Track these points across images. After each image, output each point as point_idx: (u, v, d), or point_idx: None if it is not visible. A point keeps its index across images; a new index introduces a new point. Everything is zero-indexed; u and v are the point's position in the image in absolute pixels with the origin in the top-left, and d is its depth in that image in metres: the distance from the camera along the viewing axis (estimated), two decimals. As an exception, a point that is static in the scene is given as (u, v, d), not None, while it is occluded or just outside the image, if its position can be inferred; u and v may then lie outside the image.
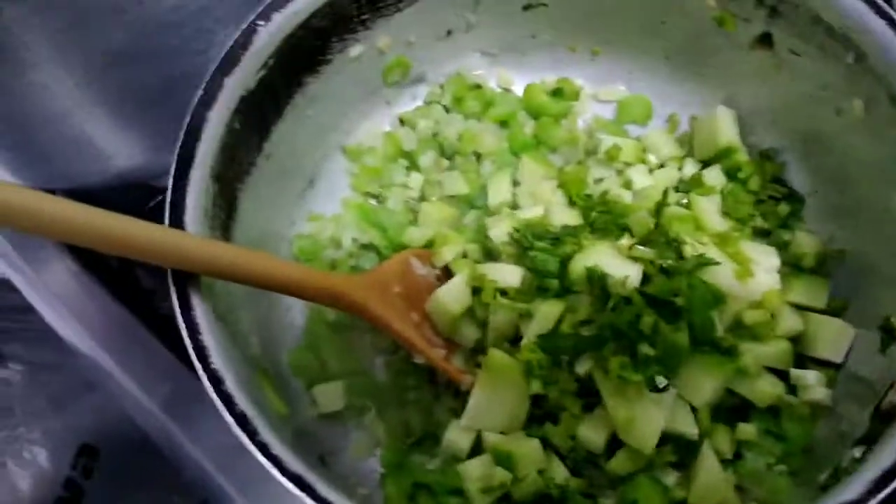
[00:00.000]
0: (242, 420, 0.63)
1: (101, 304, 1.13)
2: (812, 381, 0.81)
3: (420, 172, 1.03)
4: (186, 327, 0.67)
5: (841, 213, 0.90)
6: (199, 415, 1.01)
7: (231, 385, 0.65)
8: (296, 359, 0.92)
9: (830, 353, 0.83)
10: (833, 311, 0.86)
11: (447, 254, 0.92)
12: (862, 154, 0.84)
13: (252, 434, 0.62)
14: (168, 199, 0.73)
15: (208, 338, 0.67)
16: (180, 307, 0.68)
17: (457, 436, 0.84)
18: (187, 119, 0.78)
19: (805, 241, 0.90)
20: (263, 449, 0.62)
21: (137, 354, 1.07)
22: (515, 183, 1.01)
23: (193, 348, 0.66)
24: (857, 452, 0.64)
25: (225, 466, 0.97)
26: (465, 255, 0.93)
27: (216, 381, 0.64)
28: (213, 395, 0.63)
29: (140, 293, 1.16)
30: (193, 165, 0.75)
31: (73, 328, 1.12)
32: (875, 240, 0.84)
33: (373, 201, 1.04)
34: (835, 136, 0.88)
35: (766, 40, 0.90)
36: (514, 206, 0.98)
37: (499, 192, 0.99)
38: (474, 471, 0.80)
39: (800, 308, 0.86)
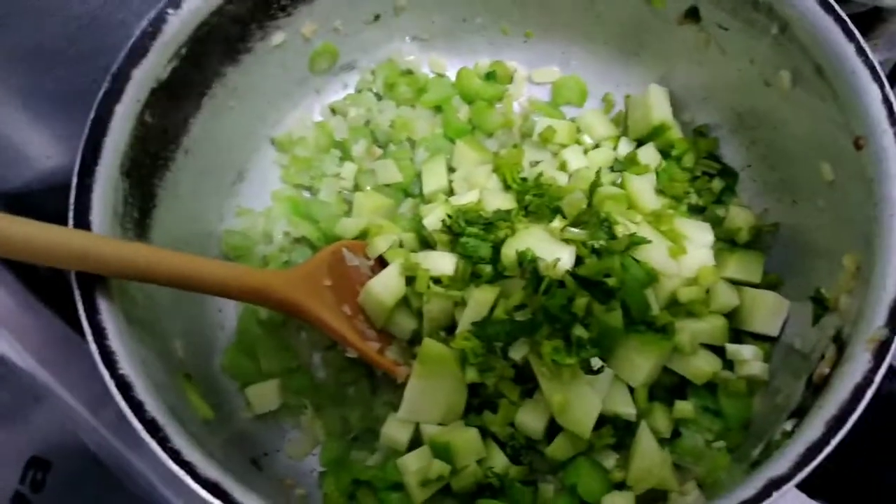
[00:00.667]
0: (152, 427, 0.60)
1: (36, 316, 1.08)
2: (748, 356, 0.80)
3: (353, 162, 1.00)
4: (92, 331, 0.63)
5: (774, 187, 0.90)
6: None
7: (141, 391, 0.62)
8: (229, 360, 0.89)
9: (766, 328, 0.82)
10: (768, 285, 0.86)
11: (381, 244, 0.89)
12: (792, 127, 0.84)
13: (163, 441, 0.60)
14: (72, 198, 0.69)
15: (116, 343, 0.64)
16: (85, 311, 0.64)
17: (394, 430, 0.82)
18: (92, 114, 0.74)
19: (739, 216, 0.90)
20: (174, 455, 0.59)
21: (78, 371, 1.03)
22: (451, 169, 0.99)
23: (99, 353, 0.62)
24: (789, 426, 0.64)
25: (173, 480, 0.94)
26: (401, 245, 0.91)
27: (124, 388, 0.61)
28: (121, 402, 0.60)
29: (75, 303, 1.12)
30: (99, 162, 0.72)
31: (8, 342, 1.07)
32: (807, 212, 0.83)
33: (305, 193, 1.01)
34: (765, 110, 0.88)
35: (693, 14, 0.89)
36: (450, 193, 0.96)
37: (433, 179, 0.97)
38: (412, 464, 0.79)
39: (735, 283, 0.85)
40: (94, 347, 0.62)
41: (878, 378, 0.58)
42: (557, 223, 0.83)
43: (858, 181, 0.70)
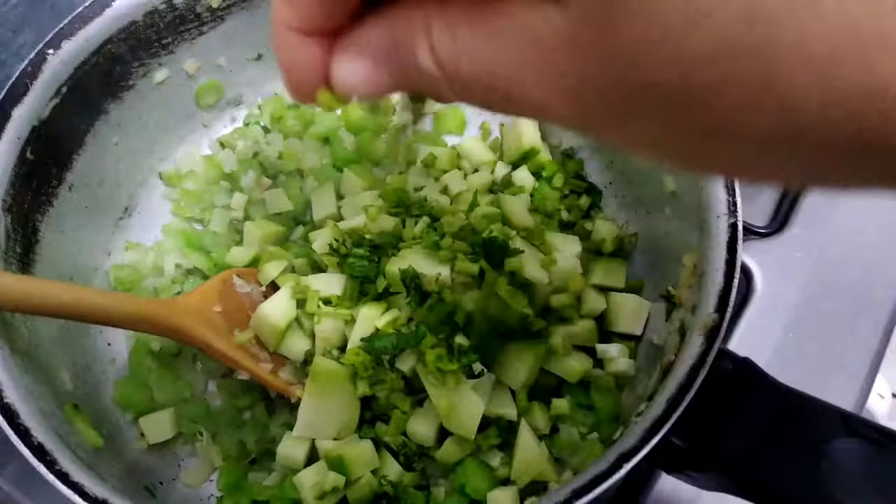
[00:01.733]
0: (40, 451, 0.61)
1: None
2: (616, 354, 0.88)
3: (242, 192, 1.03)
4: (-26, 363, 0.64)
5: (632, 201, 0.99)
6: (50, 485, 0.95)
7: (27, 418, 0.62)
8: (120, 393, 0.89)
9: (630, 327, 0.90)
10: (632, 289, 0.94)
11: (272, 270, 0.92)
12: (642, 146, 0.93)
13: (51, 464, 0.60)
14: (-50, 234, 0.69)
15: (2, 373, 0.64)
16: (-34, 342, 0.65)
17: (290, 448, 0.84)
18: (-29, 151, 0.75)
19: (604, 229, 0.98)
20: (63, 478, 0.60)
21: None
22: (340, 196, 1.03)
23: (-17, 384, 0.63)
24: (642, 407, 0.71)
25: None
26: (293, 270, 0.95)
27: (10, 415, 0.62)
28: (7, 429, 0.61)
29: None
30: (-21, 198, 0.72)
31: None
32: (658, 221, 0.92)
33: (196, 225, 1.03)
34: (620, 131, 0.97)
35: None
36: (340, 219, 1.00)
37: (322, 206, 1.01)
38: (309, 479, 0.81)
39: (602, 289, 0.93)
40: (-25, 378, 0.63)
41: (710, 358, 0.66)
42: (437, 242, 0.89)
43: (693, 190, 0.79)
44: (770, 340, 0.98)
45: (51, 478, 0.60)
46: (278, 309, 0.87)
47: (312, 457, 0.85)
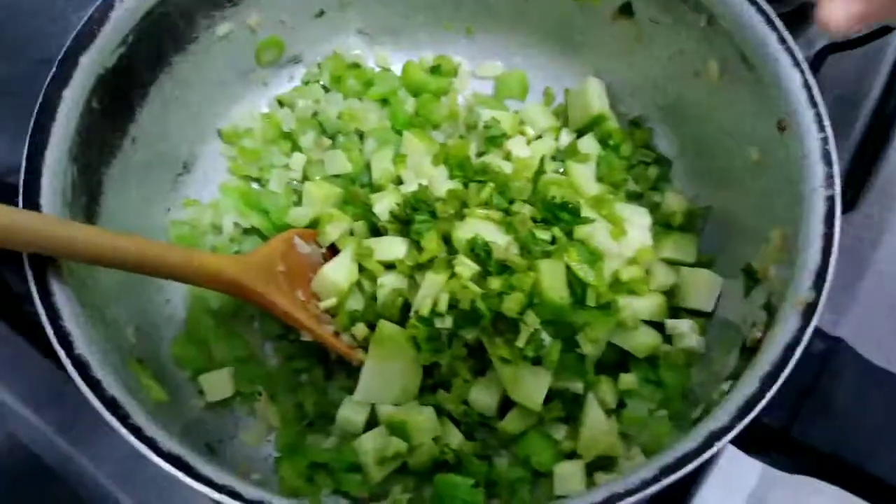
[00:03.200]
0: (112, 405, 0.60)
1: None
2: (686, 330, 0.85)
3: (301, 153, 1.01)
4: (46, 312, 0.63)
5: (705, 173, 0.95)
6: (94, 431, 0.95)
7: (98, 370, 0.61)
8: (179, 349, 0.88)
9: (701, 303, 0.87)
10: (702, 263, 0.91)
11: (332, 231, 0.91)
12: (719, 115, 0.89)
13: (123, 418, 0.59)
14: (21, 181, 0.68)
15: (72, 323, 0.63)
16: (39, 292, 0.64)
17: (350, 411, 0.83)
18: (40, 98, 0.73)
19: (674, 201, 0.95)
20: (136, 432, 0.59)
21: (22, 372, 1.00)
22: (399, 159, 1.01)
23: (55, 334, 0.62)
24: (726, 386, 0.68)
25: (124, 481, 0.93)
26: (351, 233, 0.93)
27: (81, 367, 0.61)
28: (79, 382, 0.60)
29: (12, 300, 1.08)
30: (48, 146, 0.71)
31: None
32: (735, 195, 0.89)
33: (253, 184, 1.01)
34: (695, 100, 0.93)
35: (626, 10, 0.94)
36: (399, 182, 0.98)
37: (382, 168, 0.99)
38: (369, 443, 0.80)
39: (672, 263, 0.90)
40: (49, 329, 0.62)
41: (806, 336, 0.63)
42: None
43: (782, 161, 0.76)
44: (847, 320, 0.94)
45: (123, 431, 0.59)
46: (341, 271, 0.86)
47: (371, 422, 0.84)
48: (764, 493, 0.88)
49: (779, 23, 0.78)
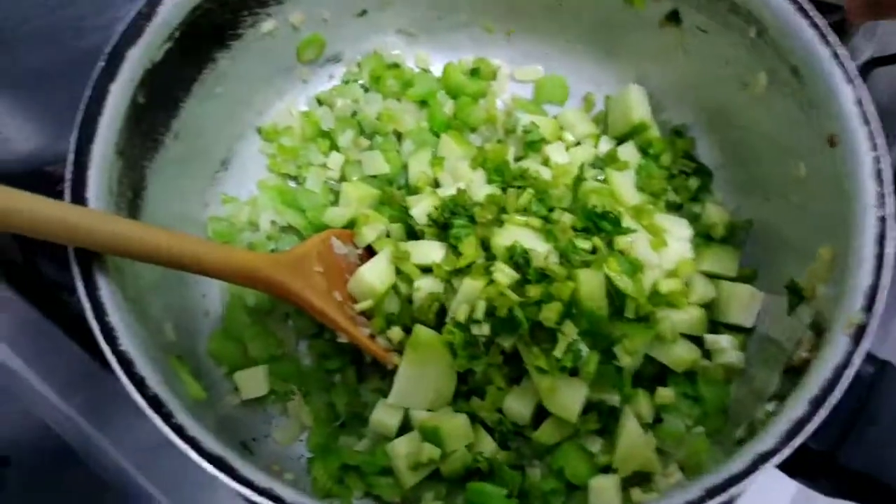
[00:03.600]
0: (156, 403, 0.60)
1: (6, 304, 1.06)
2: (725, 346, 0.83)
3: (339, 152, 1.01)
4: (92, 307, 0.63)
5: (747, 185, 0.94)
6: (119, 417, 0.97)
7: (142, 367, 0.61)
8: (215, 345, 0.89)
9: (742, 318, 0.86)
10: (743, 278, 0.89)
11: (369, 233, 0.90)
12: (765, 127, 0.88)
13: (167, 417, 0.59)
14: (68, 174, 0.68)
15: (116, 319, 0.63)
16: (85, 287, 0.64)
17: (384, 415, 0.82)
18: (88, 91, 0.74)
19: (714, 213, 0.93)
20: (179, 431, 0.59)
21: (49, 356, 1.02)
22: (436, 161, 1.00)
23: (100, 329, 0.62)
24: (771, 407, 0.67)
25: (147, 468, 0.94)
26: (388, 235, 0.92)
27: (126, 364, 0.61)
28: (123, 378, 0.60)
29: (45, 287, 1.09)
30: (95, 139, 0.71)
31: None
32: (779, 209, 0.87)
33: (291, 182, 1.01)
34: (739, 111, 0.92)
35: (674, 18, 0.93)
36: (436, 185, 0.97)
37: (419, 170, 0.98)
38: (402, 448, 0.79)
39: (712, 276, 0.89)
40: (94, 324, 0.62)
41: (857, 359, 0.61)
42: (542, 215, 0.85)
43: (831, 177, 0.74)
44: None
45: (166, 430, 0.59)
46: (378, 273, 0.85)
47: (404, 426, 0.83)
48: (798, 514, 0.87)
49: (832, 37, 0.76)
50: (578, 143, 1.02)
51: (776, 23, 0.80)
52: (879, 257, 0.66)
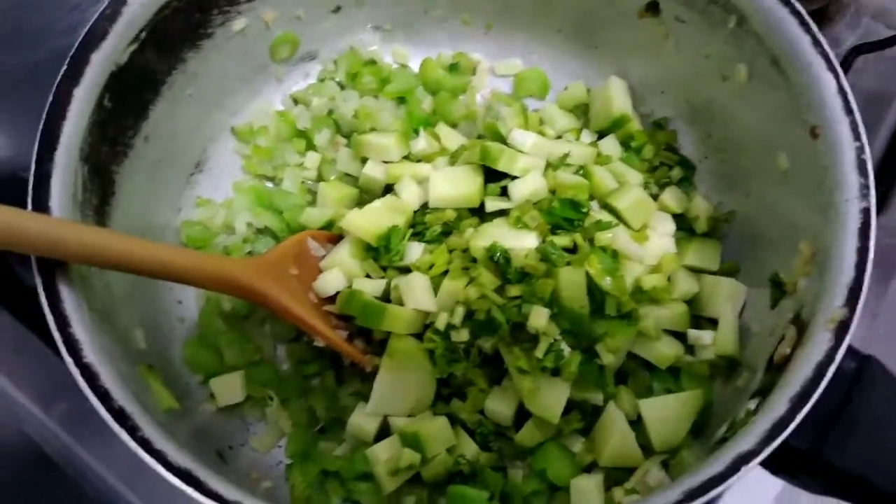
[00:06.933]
0: (120, 416, 0.58)
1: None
2: (709, 341, 0.82)
3: (316, 151, 0.99)
4: (55, 319, 0.61)
5: (730, 178, 0.92)
6: (101, 427, 0.94)
7: (107, 379, 0.60)
8: (190, 353, 0.87)
9: (725, 313, 0.84)
10: (726, 272, 0.88)
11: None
12: (747, 119, 0.87)
13: (132, 430, 0.58)
14: (30, 184, 0.67)
15: (80, 330, 0.62)
16: (48, 298, 0.62)
17: (362, 420, 0.81)
18: (51, 97, 0.72)
19: (697, 206, 0.92)
20: (145, 445, 0.58)
21: (29, 365, 1.00)
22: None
23: (63, 341, 0.60)
24: (752, 405, 0.66)
25: (129, 479, 0.92)
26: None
27: (90, 376, 0.59)
28: (87, 391, 0.58)
29: (23, 294, 1.07)
30: (59, 145, 0.70)
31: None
32: (762, 202, 0.86)
33: (267, 183, 0.99)
34: (721, 103, 0.90)
35: (653, 8, 0.91)
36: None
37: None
38: (382, 453, 0.78)
39: (694, 271, 0.88)
40: (57, 336, 0.60)
41: (839, 356, 0.60)
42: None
43: (813, 169, 0.73)
44: (877, 332, 0.91)
45: (132, 445, 0.57)
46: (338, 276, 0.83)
47: (383, 429, 0.82)
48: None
49: (812, 25, 0.75)
50: (559, 137, 1.01)
51: (755, 12, 0.79)
52: (862, 251, 0.65)
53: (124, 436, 0.58)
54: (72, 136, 0.71)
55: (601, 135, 1.00)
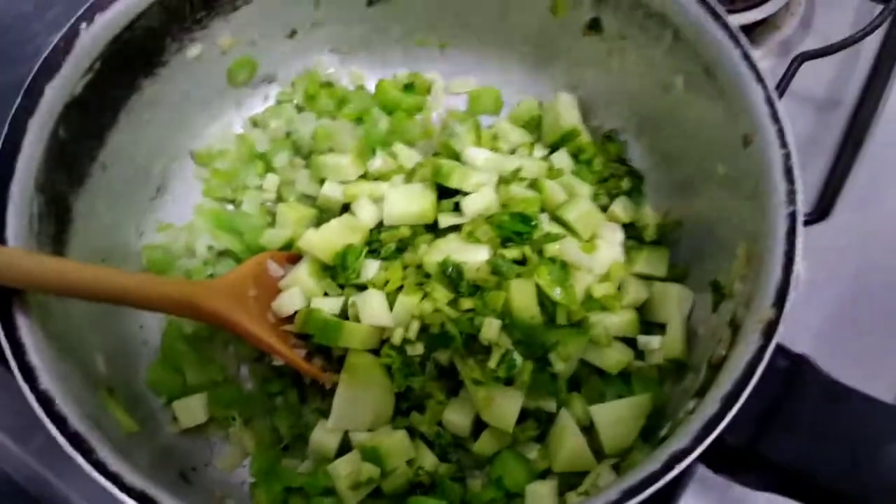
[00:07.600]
0: (76, 439, 0.60)
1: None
2: (657, 346, 0.85)
3: (275, 173, 1.01)
4: (11, 347, 0.63)
5: (676, 187, 0.95)
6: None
7: (63, 405, 0.61)
8: (153, 376, 0.89)
9: (673, 317, 0.87)
10: (675, 277, 0.91)
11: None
12: (688, 129, 0.90)
13: (87, 453, 0.59)
14: (-15, 214, 0.68)
15: (36, 358, 0.63)
16: (3, 327, 0.63)
17: (323, 436, 0.83)
18: (6, 128, 0.73)
19: (646, 216, 0.95)
20: (100, 467, 0.59)
21: (2, 400, 0.99)
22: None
23: (19, 369, 0.62)
24: (691, 405, 0.68)
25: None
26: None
27: (46, 403, 0.61)
28: (44, 417, 0.60)
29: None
30: (14, 179, 0.71)
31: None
32: (705, 208, 0.89)
33: (227, 206, 1.01)
34: (665, 114, 0.93)
35: (595, 26, 0.94)
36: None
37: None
38: (343, 469, 0.80)
39: (644, 278, 0.90)
40: (13, 363, 0.62)
41: (767, 355, 0.63)
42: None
43: (747, 176, 0.76)
44: (814, 333, 0.94)
45: (88, 468, 0.59)
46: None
47: (345, 444, 0.84)
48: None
49: (742, 38, 0.78)
50: (513, 152, 1.04)
51: (689, 27, 0.82)
52: (789, 254, 0.68)
53: (80, 459, 0.59)
54: (27, 167, 0.73)
55: (553, 148, 1.02)
